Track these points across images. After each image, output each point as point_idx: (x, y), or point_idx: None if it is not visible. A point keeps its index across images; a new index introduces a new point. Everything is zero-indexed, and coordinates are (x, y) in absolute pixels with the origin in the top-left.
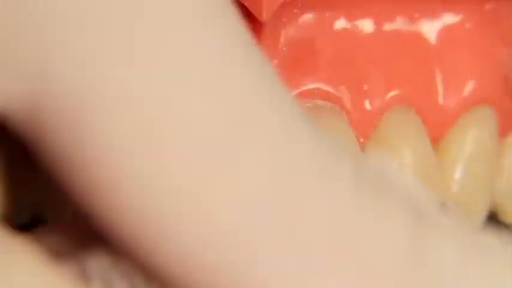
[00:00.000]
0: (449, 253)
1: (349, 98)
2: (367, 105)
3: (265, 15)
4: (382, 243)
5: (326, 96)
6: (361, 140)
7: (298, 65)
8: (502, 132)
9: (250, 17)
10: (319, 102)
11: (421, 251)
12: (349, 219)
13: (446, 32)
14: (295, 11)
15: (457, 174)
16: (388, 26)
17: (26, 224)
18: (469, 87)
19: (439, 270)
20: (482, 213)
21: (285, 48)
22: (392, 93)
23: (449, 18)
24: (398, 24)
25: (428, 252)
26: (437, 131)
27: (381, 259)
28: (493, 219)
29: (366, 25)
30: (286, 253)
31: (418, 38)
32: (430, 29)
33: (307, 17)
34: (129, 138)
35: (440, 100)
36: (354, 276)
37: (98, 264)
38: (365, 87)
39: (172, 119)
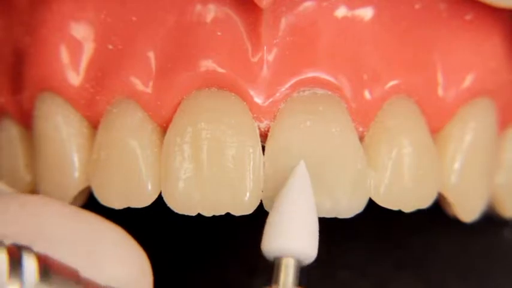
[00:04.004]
0: None
1: (349, 87)
2: (367, 94)
3: (265, 2)
4: None
5: (325, 84)
6: (360, 129)
7: (297, 53)
8: (502, 125)
9: (250, 4)
10: (319, 90)
11: None
12: None
13: (446, 23)
14: None
15: (456, 165)
16: (388, 16)
17: None
18: (469, 79)
19: None
20: (480, 205)
21: (284, 36)
22: (392, 83)
23: (449, 10)
24: (399, 13)
25: None
26: (437, 121)
27: None
28: (492, 218)
29: (366, 14)
30: None
31: (419, 29)
32: (431, 19)
33: (307, 5)
34: None
35: (440, 91)
36: None
37: None
38: (365, 76)
39: None
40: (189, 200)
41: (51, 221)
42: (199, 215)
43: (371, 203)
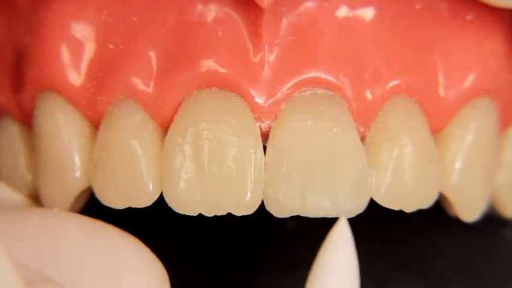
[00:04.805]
0: None
1: (350, 87)
2: (368, 94)
3: (266, 2)
4: None
5: (326, 84)
6: (361, 129)
7: (298, 53)
8: (503, 125)
9: (250, 4)
10: (319, 90)
11: None
12: None
13: (447, 23)
14: None
15: (457, 164)
16: (389, 15)
17: None
18: (470, 78)
19: None
20: (481, 205)
21: (285, 36)
22: (393, 83)
23: (450, 10)
24: (400, 13)
25: None
26: (438, 121)
27: None
28: (493, 218)
29: (367, 13)
30: None
31: (420, 28)
32: (431, 19)
33: (308, 5)
34: None
35: (441, 91)
36: None
37: None
38: (366, 76)
39: None
40: (190, 200)
41: (69, 236)
42: (200, 215)
43: (371, 203)
